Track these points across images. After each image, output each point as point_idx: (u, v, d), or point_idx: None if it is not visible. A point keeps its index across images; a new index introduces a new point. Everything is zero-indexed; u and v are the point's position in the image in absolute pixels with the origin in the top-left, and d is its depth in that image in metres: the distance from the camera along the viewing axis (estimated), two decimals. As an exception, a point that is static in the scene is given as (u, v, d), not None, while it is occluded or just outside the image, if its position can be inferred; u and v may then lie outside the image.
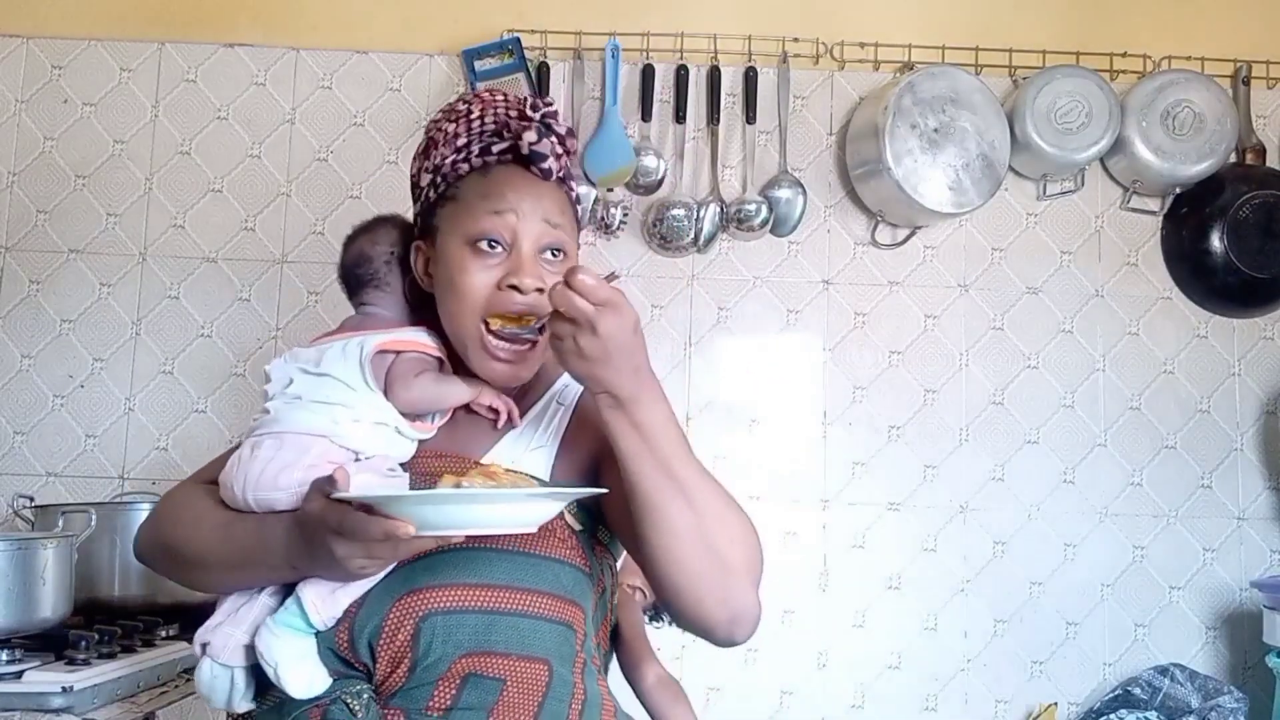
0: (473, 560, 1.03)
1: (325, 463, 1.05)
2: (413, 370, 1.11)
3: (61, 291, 2.20)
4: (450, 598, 1.01)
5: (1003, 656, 2.16)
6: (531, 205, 1.09)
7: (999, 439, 2.21)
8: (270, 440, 1.08)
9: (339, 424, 1.07)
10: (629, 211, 2.19)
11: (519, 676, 1.01)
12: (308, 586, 1.02)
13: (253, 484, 1.07)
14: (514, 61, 2.15)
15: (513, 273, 1.07)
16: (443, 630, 1.00)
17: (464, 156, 1.13)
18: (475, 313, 1.08)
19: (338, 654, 1.03)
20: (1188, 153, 2.16)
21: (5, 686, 1.36)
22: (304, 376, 1.11)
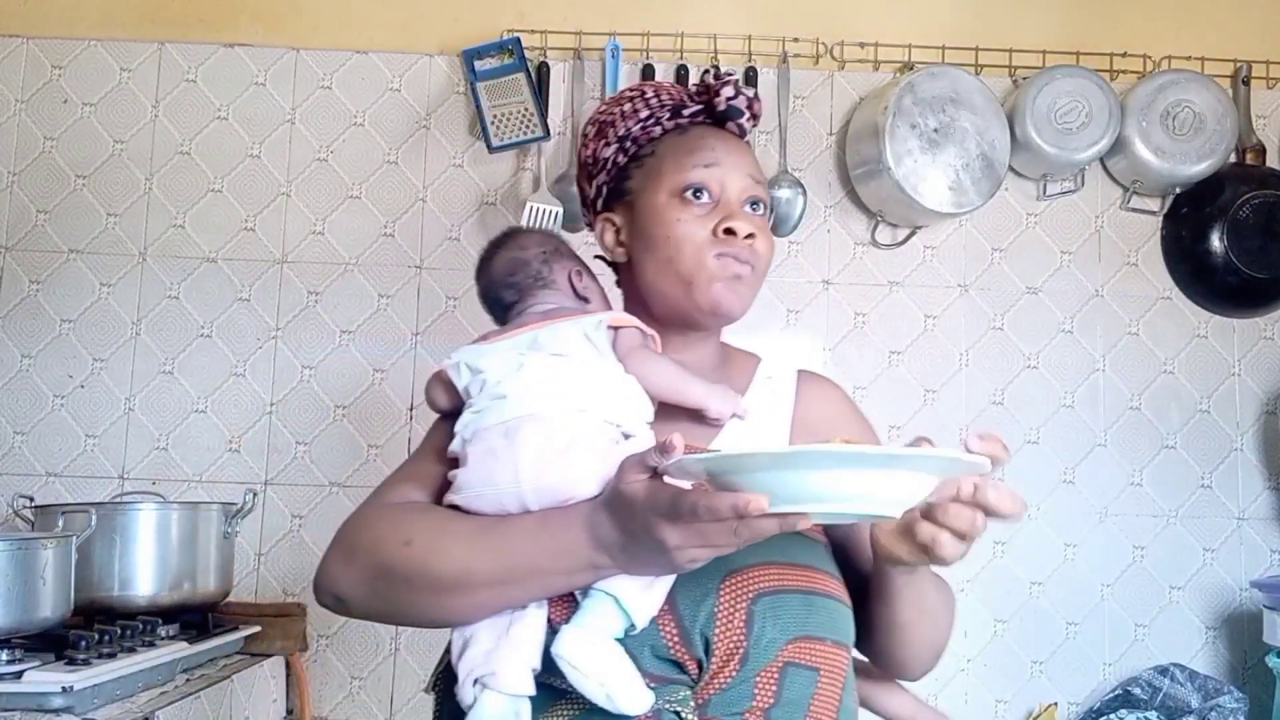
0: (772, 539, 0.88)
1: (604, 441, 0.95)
2: (647, 346, 1.05)
3: (61, 291, 2.20)
4: (773, 576, 0.95)
5: (1003, 656, 2.16)
6: (736, 159, 1.09)
7: (999, 439, 2.20)
8: (530, 424, 0.95)
9: (599, 400, 0.98)
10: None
11: (830, 664, 0.97)
12: (620, 581, 0.89)
13: (529, 474, 0.93)
14: (514, 61, 2.15)
15: (728, 218, 1.06)
16: (773, 612, 0.93)
17: (655, 121, 1.12)
18: (697, 252, 1.06)
19: (663, 654, 0.92)
20: (1188, 153, 2.16)
21: (5, 686, 1.36)
22: (536, 357, 1.01)
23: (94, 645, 1.51)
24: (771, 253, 1.12)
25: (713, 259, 1.06)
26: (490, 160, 2.20)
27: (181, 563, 1.82)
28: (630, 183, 1.13)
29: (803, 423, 1.12)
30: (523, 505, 0.94)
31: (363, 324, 2.20)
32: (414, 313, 2.20)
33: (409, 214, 2.22)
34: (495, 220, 2.20)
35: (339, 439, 2.17)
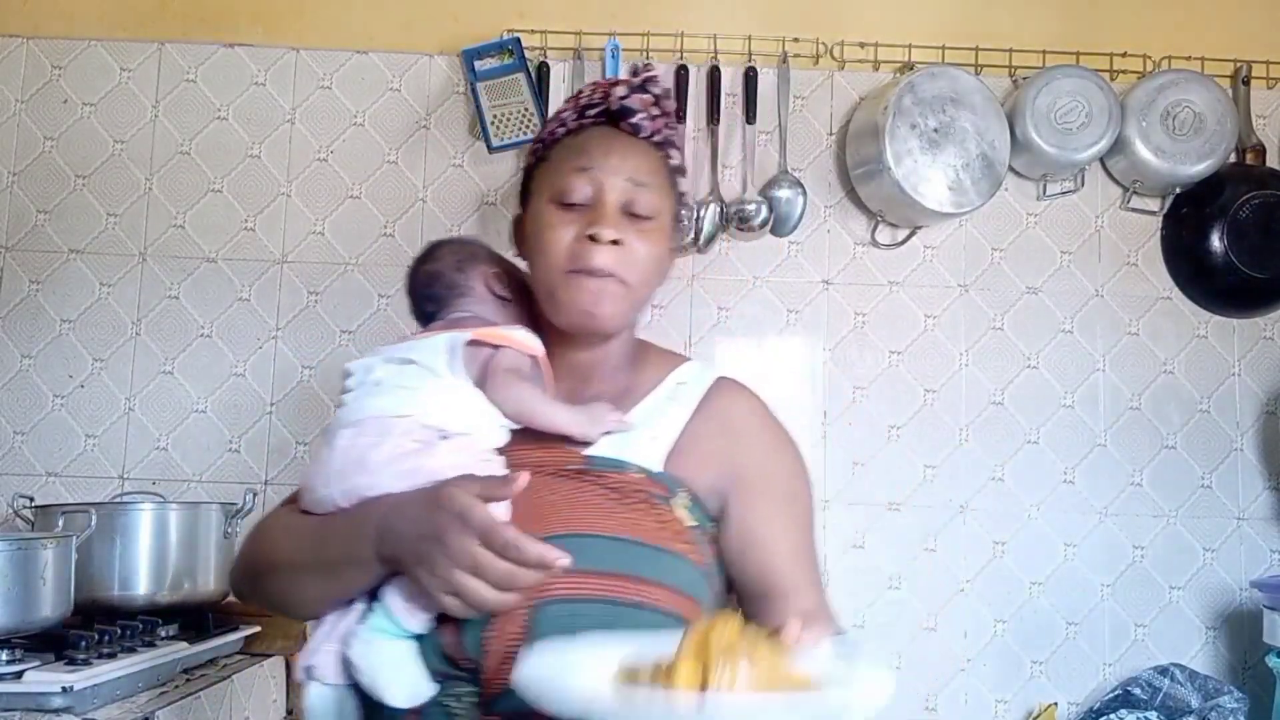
0: (588, 547, 0.95)
1: (410, 440, 0.99)
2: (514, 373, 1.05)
3: (61, 291, 2.20)
4: (567, 584, 0.93)
5: (1003, 656, 2.16)
6: (617, 162, 1.07)
7: (999, 439, 2.21)
8: (347, 430, 1.02)
9: (420, 402, 1.01)
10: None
11: None
12: (395, 585, 0.95)
13: (336, 475, 1.00)
14: (514, 61, 2.15)
15: (590, 223, 1.05)
16: (560, 620, 0.92)
17: (561, 122, 1.13)
18: (559, 265, 1.06)
19: (442, 652, 0.95)
20: (1188, 153, 2.16)
21: (5, 686, 1.36)
22: (386, 365, 1.06)
23: (94, 645, 1.51)
24: (657, 261, 1.09)
25: (571, 276, 1.05)
26: (490, 160, 2.20)
27: (181, 563, 1.82)
28: (531, 184, 1.14)
29: (693, 437, 1.08)
30: (335, 505, 1.00)
31: (363, 324, 2.20)
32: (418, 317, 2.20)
33: (409, 214, 2.22)
34: (496, 220, 2.20)
35: (339, 439, 2.17)
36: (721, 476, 1.07)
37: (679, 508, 1.04)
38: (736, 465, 1.08)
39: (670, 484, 1.04)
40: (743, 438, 1.10)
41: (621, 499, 1.01)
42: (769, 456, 1.11)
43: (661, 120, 1.12)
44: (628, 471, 1.03)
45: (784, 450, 1.14)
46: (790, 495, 1.11)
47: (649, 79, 1.12)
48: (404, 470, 0.97)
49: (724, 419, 1.10)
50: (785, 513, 1.09)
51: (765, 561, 1.06)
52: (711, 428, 1.09)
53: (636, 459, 1.04)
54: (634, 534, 0.99)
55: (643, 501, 1.02)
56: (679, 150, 1.16)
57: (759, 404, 1.16)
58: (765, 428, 1.14)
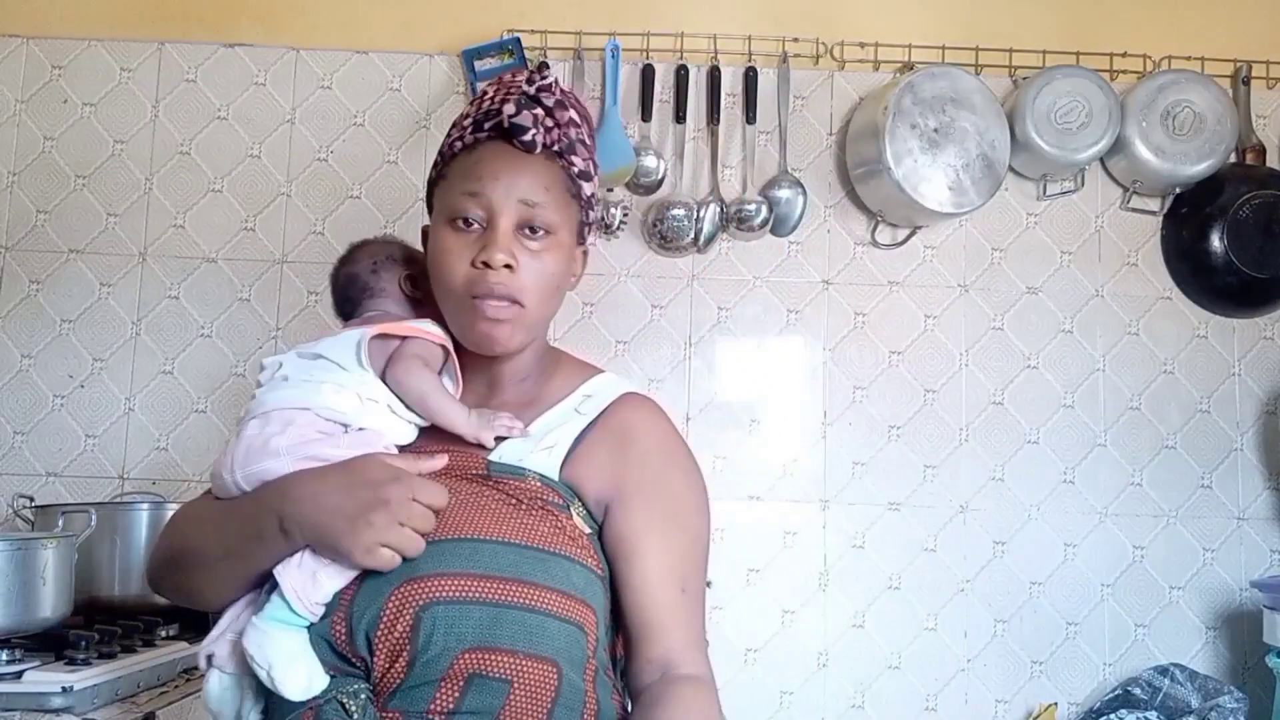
0: (477, 551, 0.98)
1: (314, 431, 1.03)
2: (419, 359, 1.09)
3: (61, 291, 2.20)
4: (454, 587, 0.96)
5: (1003, 656, 2.16)
6: (507, 183, 1.06)
7: (999, 439, 2.21)
8: (254, 421, 1.05)
9: (323, 395, 1.04)
10: (629, 211, 2.19)
11: (526, 678, 0.96)
12: (286, 571, 0.98)
13: (240, 462, 1.03)
14: (514, 61, 2.15)
15: (484, 249, 1.05)
16: (445, 621, 0.95)
17: (459, 135, 1.11)
18: (457, 290, 1.07)
19: (334, 648, 0.98)
20: (1188, 153, 2.16)
21: (5, 686, 1.36)
22: (296, 361, 1.10)
23: (94, 645, 1.51)
24: (554, 276, 1.09)
25: (469, 301, 1.06)
26: (490, 160, 2.20)
27: (181, 563, 1.81)
28: (433, 200, 1.14)
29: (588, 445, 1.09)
30: (240, 490, 1.04)
31: (363, 324, 2.19)
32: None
33: (409, 214, 2.22)
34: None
35: (339, 439, 2.17)
36: (606, 486, 1.08)
37: (575, 515, 1.06)
38: (620, 476, 1.08)
39: (566, 492, 1.06)
40: (631, 450, 1.10)
41: (519, 505, 1.03)
42: (656, 472, 1.10)
43: (557, 131, 1.10)
44: (527, 479, 1.05)
45: (675, 469, 1.13)
46: (671, 513, 1.09)
47: (542, 88, 1.10)
48: (306, 455, 1.01)
49: (619, 431, 1.10)
50: (661, 529, 1.08)
51: (629, 579, 1.06)
52: (605, 439, 1.10)
53: (535, 466, 1.06)
54: (528, 539, 1.00)
55: (540, 508, 1.04)
56: (584, 150, 1.14)
57: (660, 421, 1.15)
58: (658, 443, 1.13)
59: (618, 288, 2.21)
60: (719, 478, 2.17)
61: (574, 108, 1.14)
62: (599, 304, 2.20)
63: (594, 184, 1.15)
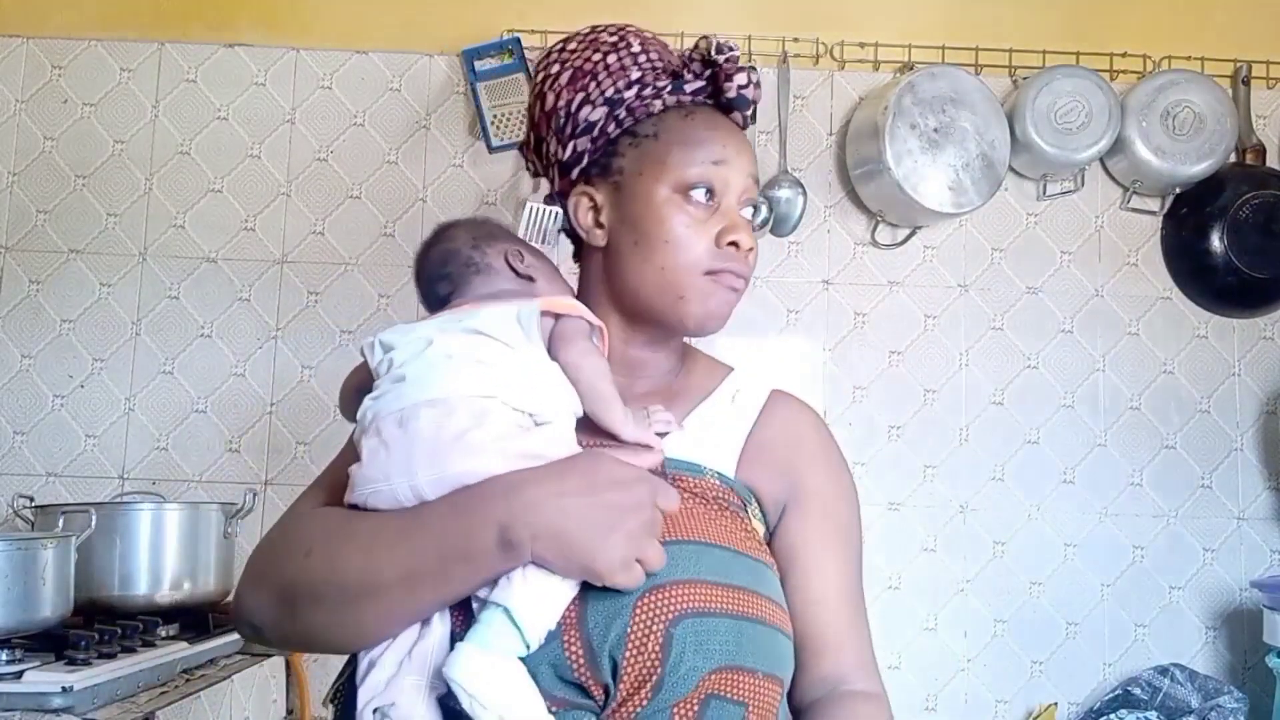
0: (703, 556, 0.87)
1: (512, 425, 0.85)
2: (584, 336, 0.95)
3: (61, 291, 2.20)
4: (701, 597, 0.84)
5: (1003, 656, 2.16)
6: (742, 158, 1.00)
7: (999, 439, 2.21)
8: (428, 410, 0.85)
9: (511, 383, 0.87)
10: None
11: (760, 700, 0.86)
12: (511, 590, 0.80)
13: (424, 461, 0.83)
14: (514, 61, 2.15)
15: (731, 228, 0.98)
16: (695, 638, 0.82)
17: (654, 92, 1.00)
18: (694, 265, 0.97)
19: (566, 676, 0.82)
20: (1188, 153, 2.16)
21: (5, 686, 1.36)
22: (447, 336, 0.90)
23: (94, 645, 1.51)
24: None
25: (708, 278, 0.98)
26: (490, 160, 2.20)
27: (181, 563, 1.82)
28: (621, 160, 1.00)
29: (758, 446, 1.01)
30: (420, 499, 0.84)
31: (363, 324, 2.20)
32: (414, 313, 2.20)
33: (409, 214, 2.22)
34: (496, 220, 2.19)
35: (339, 439, 2.16)
36: (782, 489, 1.01)
37: (753, 518, 0.98)
38: (794, 479, 1.01)
39: (744, 492, 0.98)
40: (807, 455, 1.04)
41: (708, 505, 0.93)
42: (829, 478, 1.05)
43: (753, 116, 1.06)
44: (705, 477, 0.95)
45: (843, 475, 1.08)
46: (845, 526, 1.05)
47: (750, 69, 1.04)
48: (518, 453, 0.84)
49: (787, 432, 1.04)
50: (836, 540, 1.03)
51: (807, 589, 0.98)
52: (774, 439, 1.03)
53: (712, 464, 0.97)
54: (734, 544, 0.91)
55: (726, 509, 0.94)
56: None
57: (821, 424, 1.10)
58: (826, 448, 1.07)
59: (618, 288, 2.21)
60: (719, 478, 2.17)
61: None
62: (599, 304, 2.20)
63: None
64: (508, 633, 0.79)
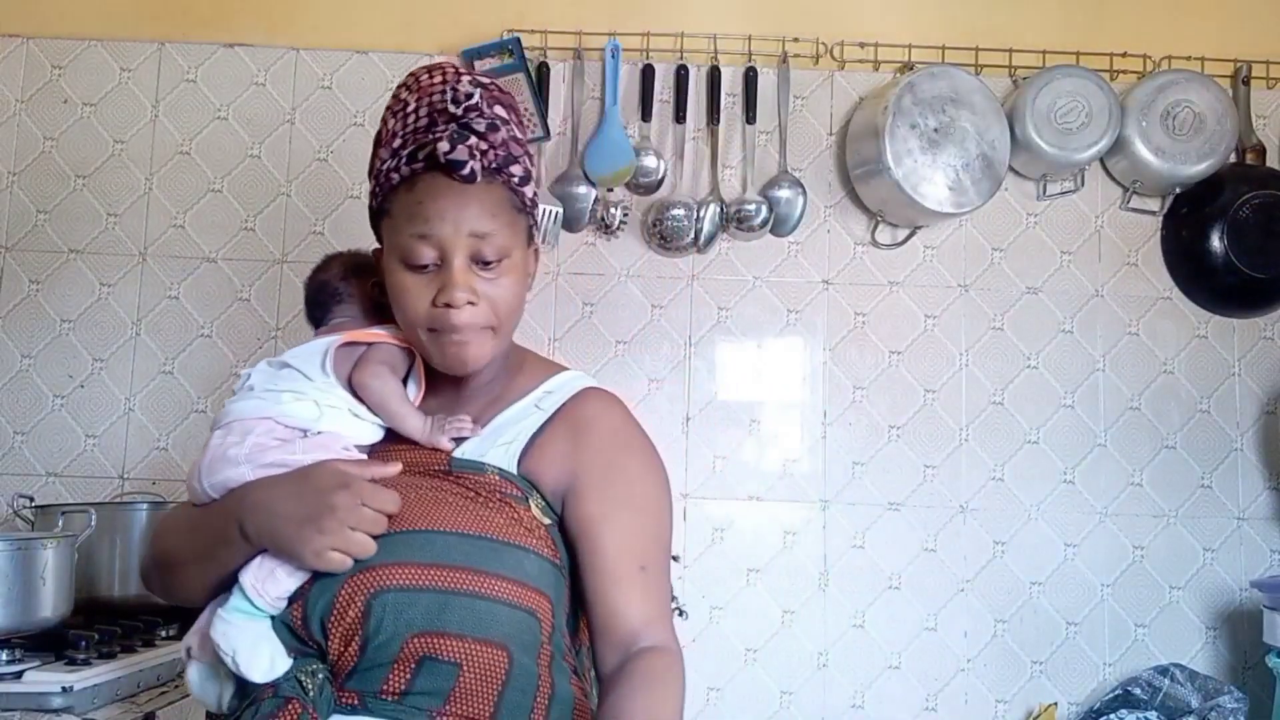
0: (430, 542, 1.03)
1: (271, 439, 1.08)
2: (385, 365, 1.14)
3: (61, 291, 2.20)
4: (403, 575, 1.01)
5: (1003, 656, 2.16)
6: (455, 220, 1.08)
7: (999, 439, 2.21)
8: (219, 431, 1.11)
9: (283, 404, 1.10)
10: (629, 211, 2.19)
11: (475, 661, 1.01)
12: (248, 570, 1.04)
13: (205, 471, 1.09)
14: (514, 61, 2.15)
15: (442, 290, 1.08)
16: (394, 608, 1.00)
17: (395, 164, 1.11)
18: (420, 325, 1.11)
19: (294, 632, 1.04)
20: (1188, 153, 2.16)
21: (5, 686, 1.36)
22: (264, 370, 1.15)
23: (94, 645, 1.52)
24: (515, 293, 1.12)
25: (432, 334, 1.10)
26: (490, 160, 2.20)
27: (181, 563, 1.81)
28: (381, 231, 1.15)
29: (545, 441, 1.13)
30: (208, 497, 1.10)
31: (363, 324, 2.20)
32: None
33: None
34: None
35: (339, 439, 2.17)
36: (562, 476, 1.12)
37: (534, 507, 1.10)
38: (575, 466, 1.12)
39: (524, 485, 1.11)
40: (586, 441, 1.13)
41: (476, 498, 1.08)
42: (609, 458, 1.14)
43: (492, 152, 1.09)
44: (486, 473, 1.10)
45: (628, 453, 1.16)
46: (625, 496, 1.12)
47: (469, 109, 1.08)
48: (263, 463, 1.07)
49: (575, 423, 1.14)
50: (616, 512, 1.11)
51: (588, 565, 1.09)
52: (562, 432, 1.14)
53: (494, 461, 1.11)
54: (482, 530, 1.05)
55: (498, 500, 1.08)
56: (518, 148, 1.13)
57: (614, 410, 1.18)
58: (612, 432, 1.16)
59: (617, 288, 2.21)
60: (719, 478, 2.18)
61: (498, 103, 1.12)
62: (599, 304, 2.20)
63: (532, 180, 1.16)
64: (241, 600, 1.03)
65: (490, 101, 1.11)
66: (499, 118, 1.11)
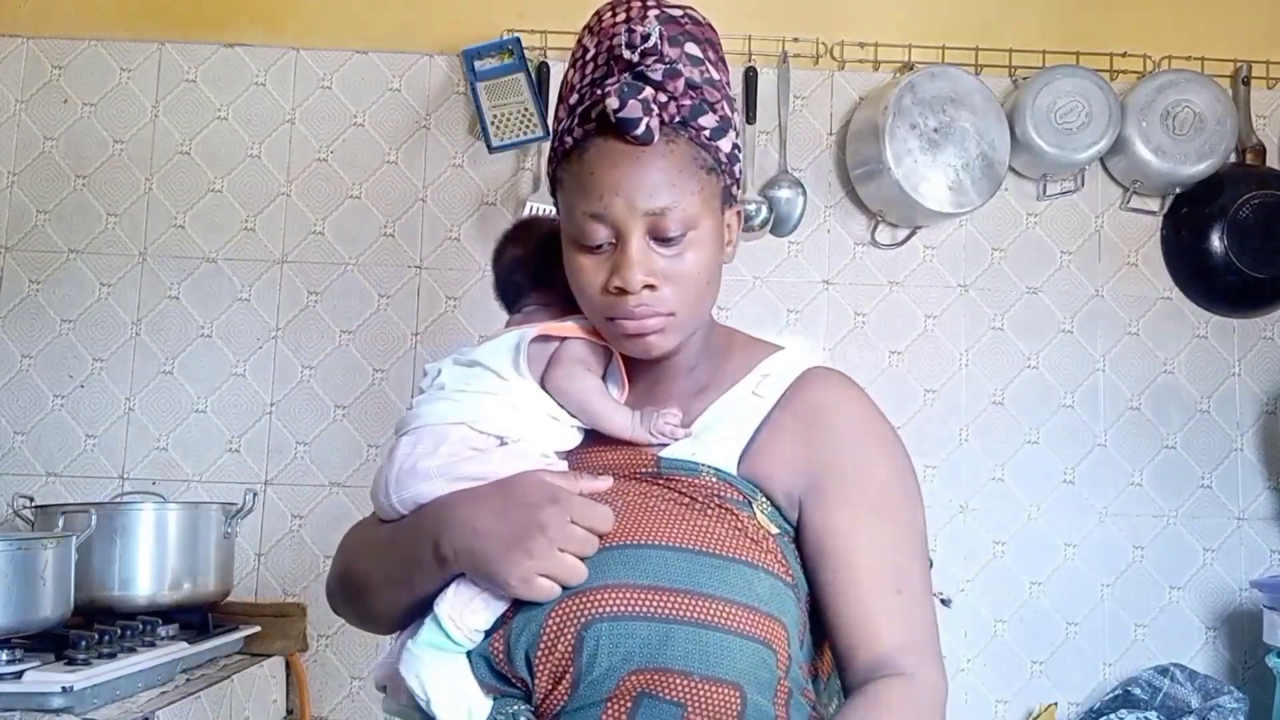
0: (645, 558, 0.90)
1: (466, 449, 0.97)
2: (582, 363, 1.02)
3: (61, 291, 2.20)
4: (619, 601, 0.88)
5: (1003, 656, 2.16)
6: (629, 194, 0.93)
7: (999, 439, 2.21)
8: (406, 438, 1.00)
9: (479, 409, 0.98)
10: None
11: (703, 702, 0.87)
12: (444, 597, 0.93)
13: (394, 484, 0.98)
14: (514, 61, 2.15)
15: (614, 273, 0.95)
16: (609, 640, 0.87)
17: (569, 125, 0.98)
18: (597, 311, 0.99)
19: (494, 669, 0.92)
20: (1188, 153, 2.16)
21: (5, 686, 1.36)
22: (452, 369, 1.03)
23: (94, 645, 1.51)
24: (703, 270, 0.97)
25: (610, 323, 0.98)
26: (490, 160, 2.20)
27: (181, 563, 1.82)
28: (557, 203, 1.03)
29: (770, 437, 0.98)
30: (396, 513, 0.99)
31: (363, 324, 2.20)
32: (414, 313, 2.20)
33: (409, 214, 2.22)
34: (496, 220, 2.20)
35: (339, 439, 2.17)
36: (796, 479, 0.97)
37: (760, 514, 0.95)
38: (814, 466, 0.97)
39: (747, 488, 0.96)
40: (824, 434, 0.98)
41: (693, 504, 0.94)
42: (854, 457, 0.98)
43: (674, 104, 0.94)
44: (701, 475, 0.96)
45: (876, 450, 1.01)
46: (877, 504, 0.98)
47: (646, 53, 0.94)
48: (458, 476, 0.96)
49: (806, 414, 0.99)
50: (867, 523, 0.96)
51: (834, 583, 0.95)
52: (790, 424, 0.98)
53: (710, 460, 0.97)
54: (703, 544, 0.91)
55: (718, 507, 0.94)
56: (713, 93, 0.97)
57: (852, 396, 1.03)
58: (853, 424, 1.00)
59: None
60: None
61: (691, 39, 0.98)
62: (599, 304, 2.20)
63: (734, 130, 1.00)
64: (436, 631, 0.92)
65: (677, 39, 0.97)
66: (688, 57, 0.96)
